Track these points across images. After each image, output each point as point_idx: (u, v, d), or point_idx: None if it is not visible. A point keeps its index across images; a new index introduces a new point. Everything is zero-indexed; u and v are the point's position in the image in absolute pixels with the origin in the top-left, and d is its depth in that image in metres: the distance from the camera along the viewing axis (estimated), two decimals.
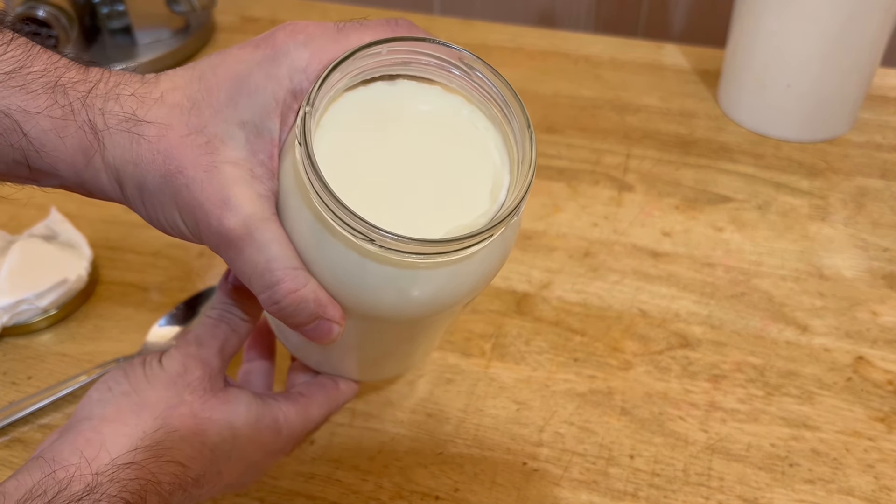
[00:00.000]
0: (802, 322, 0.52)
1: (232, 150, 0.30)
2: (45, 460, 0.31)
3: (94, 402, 0.34)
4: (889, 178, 0.65)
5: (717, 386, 0.48)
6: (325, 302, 0.32)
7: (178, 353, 0.36)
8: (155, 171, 0.30)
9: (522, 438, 0.46)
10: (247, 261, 0.30)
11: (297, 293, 0.31)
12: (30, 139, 0.30)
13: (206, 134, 0.30)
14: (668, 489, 0.43)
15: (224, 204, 0.30)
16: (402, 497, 0.43)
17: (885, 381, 0.49)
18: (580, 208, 0.62)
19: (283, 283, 0.30)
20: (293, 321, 0.32)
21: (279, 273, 0.30)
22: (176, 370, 0.35)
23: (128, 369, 0.35)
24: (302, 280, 0.31)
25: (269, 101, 0.30)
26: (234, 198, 0.30)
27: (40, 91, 0.29)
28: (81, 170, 0.31)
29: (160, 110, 0.30)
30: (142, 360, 0.36)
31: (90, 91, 0.30)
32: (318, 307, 0.31)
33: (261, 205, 0.30)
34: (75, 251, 0.55)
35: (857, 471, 0.44)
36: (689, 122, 0.71)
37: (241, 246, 0.30)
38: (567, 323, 0.52)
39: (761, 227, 0.60)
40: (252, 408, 0.36)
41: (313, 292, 0.31)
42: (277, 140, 0.31)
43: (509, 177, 0.33)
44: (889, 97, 0.74)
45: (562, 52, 0.81)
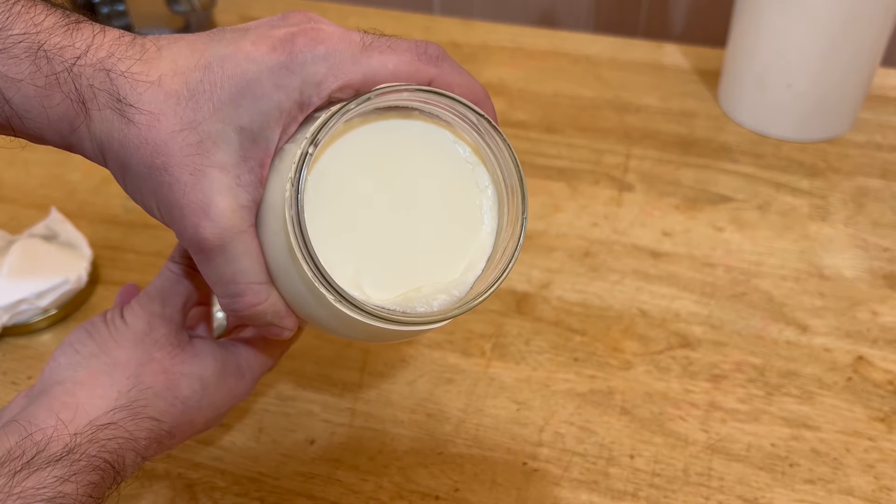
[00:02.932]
0: (803, 322, 0.52)
1: (222, 154, 0.29)
2: (21, 424, 0.31)
3: (64, 366, 0.34)
4: (889, 177, 0.65)
5: (718, 386, 0.48)
6: (282, 314, 0.33)
7: (141, 310, 0.36)
8: (140, 160, 0.29)
9: (522, 438, 0.46)
10: (214, 269, 0.31)
11: (256, 308, 0.32)
12: (12, 106, 0.28)
13: (199, 132, 0.29)
14: (668, 489, 0.43)
15: (203, 212, 0.29)
16: (403, 497, 0.43)
17: (886, 380, 0.49)
18: (580, 208, 0.62)
19: (245, 297, 0.31)
20: (247, 323, 0.33)
21: (243, 286, 0.31)
22: (141, 328, 0.35)
23: (91, 329, 0.35)
24: (263, 296, 0.32)
25: (273, 109, 0.29)
26: (214, 208, 0.29)
27: (22, 56, 0.28)
28: (67, 135, 0.30)
29: (155, 96, 0.29)
30: (103, 317, 0.36)
31: (77, 60, 0.28)
32: (273, 318, 0.33)
33: (240, 216, 0.30)
34: (75, 251, 0.55)
35: (857, 471, 0.44)
36: (690, 121, 0.71)
37: (212, 256, 0.30)
38: (567, 323, 0.52)
39: (761, 227, 0.60)
40: (218, 357, 0.37)
41: (272, 306, 0.32)
42: (273, 149, 0.30)
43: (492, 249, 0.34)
44: (889, 97, 0.74)
45: (562, 52, 0.81)
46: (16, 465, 0.29)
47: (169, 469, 0.44)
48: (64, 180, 0.65)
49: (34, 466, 0.29)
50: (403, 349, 0.51)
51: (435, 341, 0.51)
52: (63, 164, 0.66)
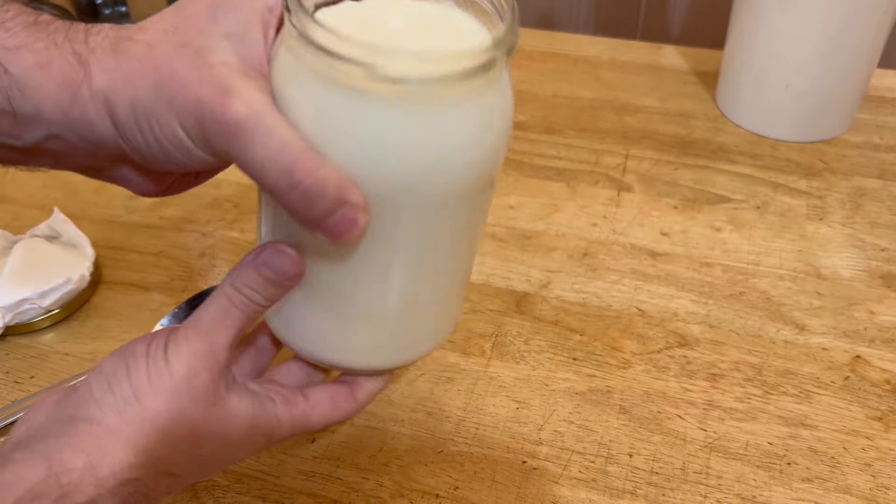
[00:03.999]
0: (800, 321, 0.53)
1: (222, 56, 0.29)
2: (46, 459, 0.29)
3: (94, 401, 0.32)
4: (886, 178, 0.65)
5: (716, 385, 0.49)
6: (346, 181, 0.29)
7: (186, 349, 0.33)
8: (146, 83, 0.29)
9: (522, 437, 0.46)
10: (259, 146, 0.28)
11: (317, 171, 0.28)
12: (12, 76, 0.28)
13: (193, 46, 0.29)
14: (666, 487, 0.43)
15: (226, 92, 0.28)
16: (403, 495, 0.43)
17: (883, 380, 0.49)
18: (579, 208, 0.62)
19: (302, 163, 0.28)
20: (314, 211, 0.29)
21: (295, 153, 0.28)
22: (181, 374, 0.32)
23: (130, 365, 0.32)
24: (319, 159, 0.28)
25: (249, 15, 0.30)
26: (236, 85, 0.28)
27: (19, 29, 0.29)
28: (67, 107, 0.29)
29: (143, 33, 0.30)
30: (146, 348, 0.33)
31: (70, 27, 0.30)
32: (339, 187, 0.29)
33: (262, 94, 0.29)
34: (78, 251, 0.55)
35: (854, 469, 0.44)
36: (688, 122, 0.71)
37: (252, 130, 0.28)
38: (566, 322, 0.53)
39: (759, 227, 0.60)
40: (250, 416, 0.35)
41: (333, 171, 0.28)
42: (264, 48, 0.30)
43: None
44: (887, 98, 0.74)
45: (561, 54, 0.81)
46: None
47: None
48: (66, 181, 0.65)
49: None
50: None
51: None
52: None
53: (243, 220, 0.61)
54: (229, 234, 0.60)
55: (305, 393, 0.37)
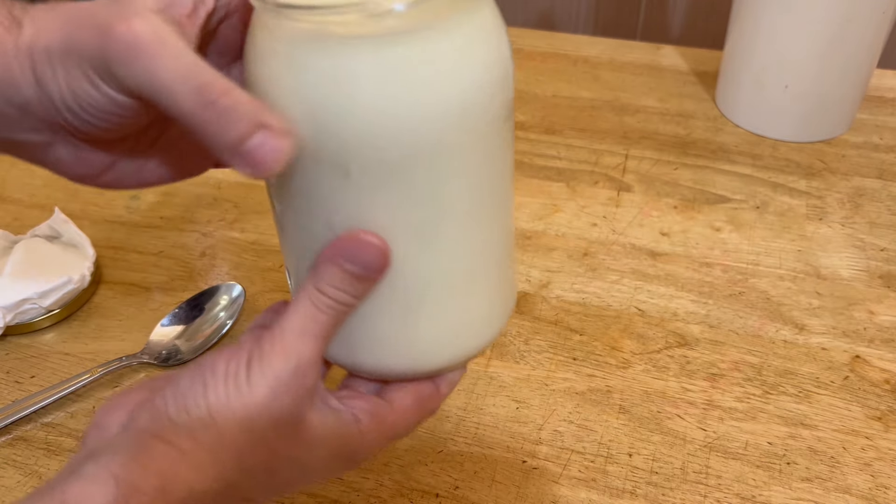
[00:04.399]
0: (800, 321, 0.53)
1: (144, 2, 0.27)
2: (115, 478, 0.27)
3: (169, 420, 0.29)
4: (886, 178, 0.65)
5: (715, 385, 0.49)
6: (261, 105, 0.26)
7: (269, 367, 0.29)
8: (60, 29, 0.28)
9: (522, 436, 0.46)
10: (166, 66, 0.26)
11: (229, 93, 0.26)
12: None
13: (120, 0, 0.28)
14: (666, 487, 0.43)
15: (130, 15, 0.26)
16: (403, 495, 0.43)
17: (882, 379, 0.49)
18: (579, 208, 0.62)
19: (214, 84, 0.26)
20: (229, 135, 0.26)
21: (207, 74, 0.26)
22: (263, 397, 0.29)
23: (209, 384, 0.29)
24: (231, 84, 0.26)
25: None
26: (140, 13, 0.27)
27: None
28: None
29: None
30: (225, 365, 0.29)
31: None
32: (255, 109, 0.26)
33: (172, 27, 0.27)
34: (78, 251, 0.55)
35: (854, 469, 0.44)
36: (688, 122, 0.72)
37: (156, 52, 0.26)
38: (566, 322, 0.53)
39: (759, 227, 0.60)
40: (333, 438, 0.31)
41: (246, 95, 0.26)
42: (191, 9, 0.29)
43: None
44: (886, 98, 0.74)
45: (561, 54, 0.81)
46: None
47: None
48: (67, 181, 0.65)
49: None
50: None
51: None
52: None
53: (243, 220, 0.61)
54: (229, 234, 0.60)
55: (390, 399, 0.33)
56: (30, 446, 0.46)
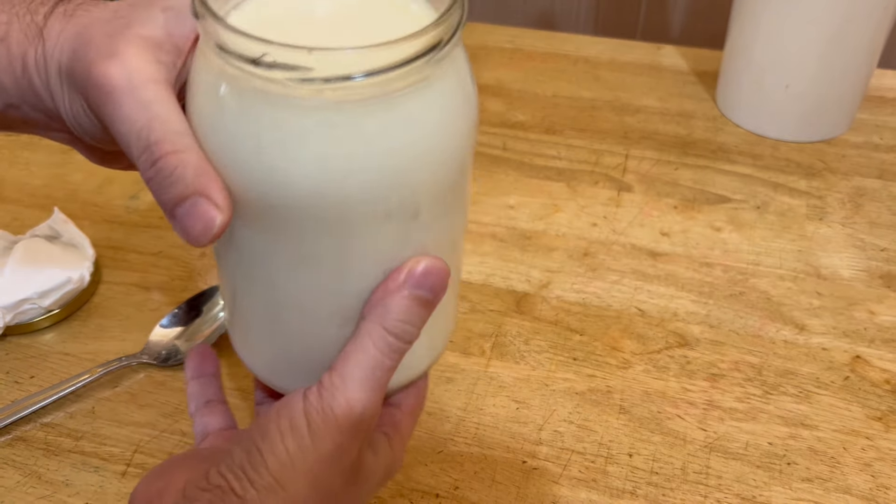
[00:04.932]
0: (800, 321, 0.53)
1: (146, 29, 0.28)
2: None
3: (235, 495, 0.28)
4: (886, 178, 0.65)
5: (716, 385, 0.49)
6: (207, 173, 0.26)
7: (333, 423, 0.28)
8: (69, 49, 0.29)
9: (522, 437, 0.46)
10: (126, 117, 0.27)
11: (177, 154, 0.26)
12: None
13: (127, 18, 0.29)
14: (666, 487, 0.43)
15: (110, 55, 0.27)
16: (403, 495, 0.43)
17: (883, 380, 0.49)
18: (579, 208, 0.62)
19: (163, 144, 0.26)
20: (169, 194, 0.26)
21: (160, 133, 0.26)
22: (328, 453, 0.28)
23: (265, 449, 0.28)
24: (185, 144, 0.26)
25: None
26: (122, 51, 0.27)
27: None
28: (20, 76, 0.29)
29: (98, 9, 0.30)
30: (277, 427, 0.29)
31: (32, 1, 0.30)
32: (197, 177, 0.26)
33: (154, 68, 0.27)
34: (78, 251, 0.55)
35: (854, 469, 0.44)
36: (688, 122, 0.72)
37: (120, 99, 0.27)
38: (566, 322, 0.53)
39: (759, 227, 0.60)
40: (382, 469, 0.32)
41: (195, 158, 0.26)
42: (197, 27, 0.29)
43: None
44: (886, 98, 0.74)
45: (561, 54, 0.81)
46: None
47: None
48: (66, 181, 0.65)
49: None
50: None
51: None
52: (65, 165, 0.66)
53: None
54: None
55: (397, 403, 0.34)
56: (29, 447, 0.46)
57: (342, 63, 0.23)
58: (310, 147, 0.25)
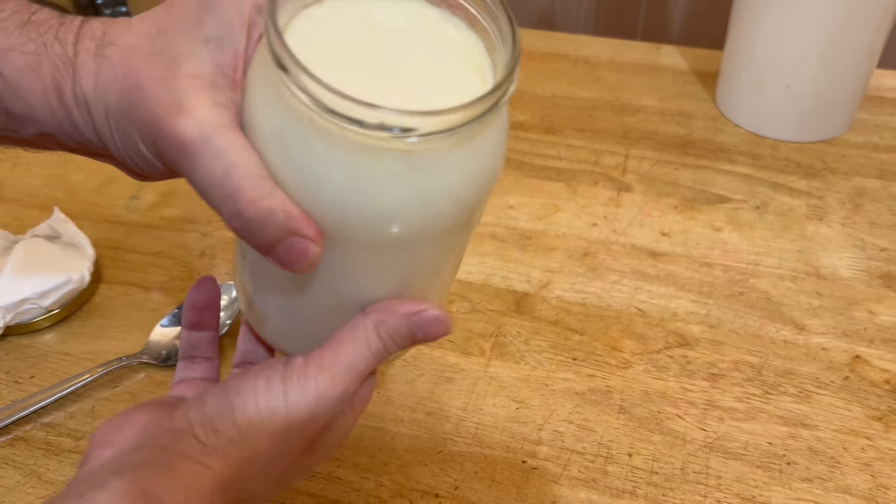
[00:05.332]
0: (800, 321, 0.53)
1: (194, 65, 0.29)
2: (144, 493, 0.28)
3: (198, 441, 0.30)
4: (886, 178, 0.65)
5: (715, 385, 0.49)
6: (295, 214, 0.27)
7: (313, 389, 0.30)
8: (116, 92, 0.29)
9: (522, 437, 0.46)
10: (204, 170, 0.27)
11: (261, 202, 0.27)
12: (5, 78, 0.29)
13: (169, 53, 0.29)
14: (666, 487, 0.43)
15: (178, 110, 0.28)
16: (403, 495, 0.43)
17: (882, 380, 0.49)
18: (579, 208, 0.62)
19: (245, 192, 0.27)
20: (261, 238, 0.28)
21: (239, 181, 0.27)
22: (300, 417, 0.30)
23: (237, 405, 0.30)
24: (266, 189, 0.27)
25: (233, 16, 0.29)
26: (187, 103, 0.28)
27: (12, 28, 0.29)
28: (55, 108, 0.30)
29: (128, 36, 0.30)
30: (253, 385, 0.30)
31: (62, 24, 0.30)
32: (287, 219, 0.27)
33: (218, 112, 0.28)
34: (78, 251, 0.55)
35: (854, 469, 0.44)
36: (688, 122, 0.72)
37: (197, 153, 0.27)
38: (566, 322, 0.53)
39: (759, 227, 0.60)
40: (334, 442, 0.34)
41: (281, 203, 0.27)
42: (242, 51, 0.30)
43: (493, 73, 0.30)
44: (886, 98, 0.74)
45: (561, 54, 0.81)
46: None
47: None
48: (66, 181, 0.65)
49: None
50: None
51: (435, 341, 0.51)
52: (66, 165, 0.66)
53: None
54: (229, 234, 0.60)
55: None
56: (29, 446, 0.46)
57: (440, 121, 0.26)
58: (401, 186, 0.27)
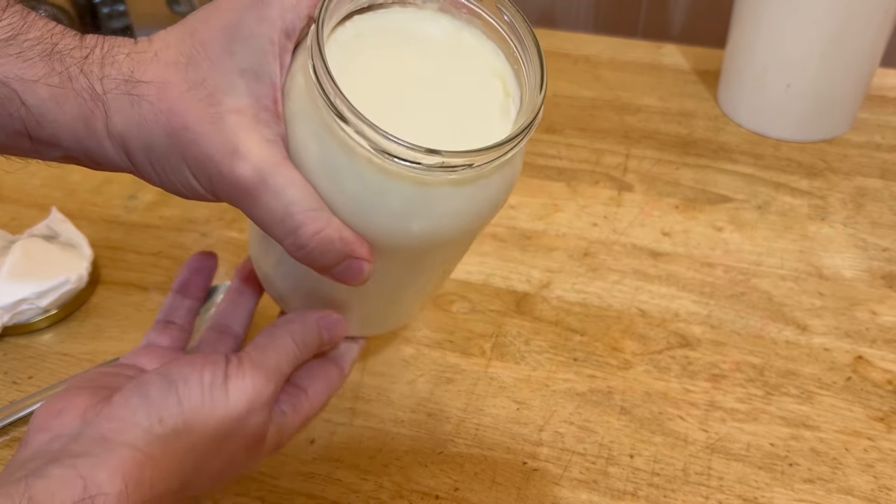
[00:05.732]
0: (802, 322, 0.52)
1: (234, 99, 0.30)
2: (83, 479, 0.28)
3: (142, 429, 0.30)
4: (888, 177, 0.65)
5: (717, 385, 0.48)
6: (351, 240, 0.31)
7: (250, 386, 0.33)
8: (160, 131, 0.30)
9: (522, 438, 0.46)
10: (264, 208, 0.30)
11: (321, 234, 0.30)
12: (29, 108, 0.29)
13: (206, 87, 0.30)
14: (667, 488, 0.43)
15: (233, 153, 0.29)
16: (403, 496, 0.43)
17: (885, 380, 0.49)
18: (580, 208, 0.62)
19: (306, 226, 0.30)
20: (321, 264, 0.31)
21: (299, 217, 0.30)
22: (239, 413, 0.32)
23: (182, 394, 0.31)
24: (324, 220, 0.30)
25: (264, 44, 0.30)
26: (242, 146, 0.29)
27: (37, 59, 0.29)
28: (83, 138, 0.30)
29: (157, 69, 0.30)
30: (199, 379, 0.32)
31: (86, 57, 0.30)
32: (344, 246, 0.31)
33: (270, 150, 0.29)
34: (76, 251, 0.55)
35: (856, 470, 0.44)
36: (689, 122, 0.71)
37: (257, 194, 0.29)
38: (567, 322, 0.52)
39: (761, 227, 0.60)
40: (275, 439, 0.35)
41: (337, 231, 0.30)
42: (278, 83, 0.31)
43: (520, 103, 0.33)
44: (888, 97, 0.74)
45: (561, 52, 0.81)
46: None
47: None
48: (65, 180, 0.65)
49: None
50: (403, 349, 0.51)
51: (435, 341, 0.51)
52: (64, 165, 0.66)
53: (242, 220, 0.61)
54: (228, 233, 0.60)
55: (306, 388, 0.38)
56: None
57: (485, 156, 0.30)
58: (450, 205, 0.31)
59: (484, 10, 0.33)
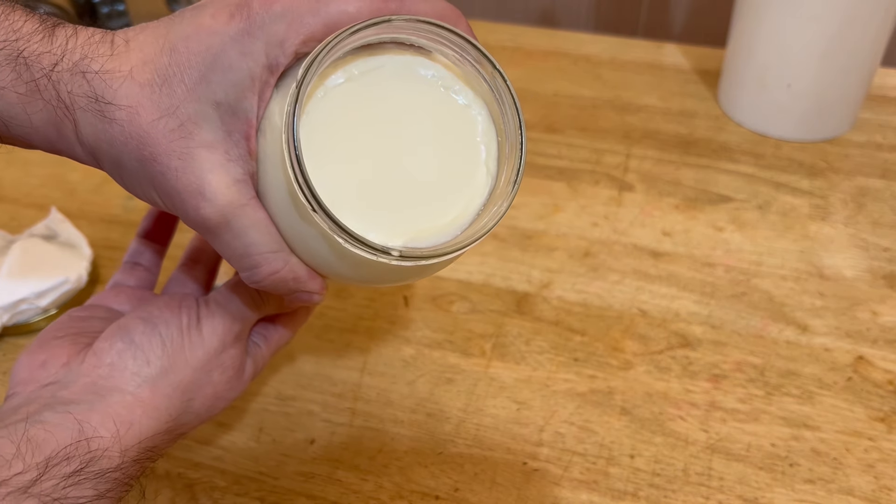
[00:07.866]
0: (803, 322, 0.52)
1: (206, 133, 0.29)
2: (78, 423, 0.31)
3: (130, 374, 0.33)
4: (889, 177, 0.65)
5: (718, 386, 0.48)
6: (303, 279, 0.33)
7: (221, 326, 0.36)
8: (130, 154, 0.29)
9: (523, 438, 0.46)
10: (225, 246, 0.31)
11: (275, 276, 0.32)
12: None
13: (178, 116, 0.29)
14: (668, 489, 0.43)
15: (200, 194, 0.29)
16: (402, 497, 0.43)
17: (886, 380, 0.49)
18: (580, 208, 0.62)
19: (262, 268, 0.31)
20: (275, 293, 0.33)
21: (256, 258, 0.31)
22: (215, 348, 0.36)
23: (165, 337, 0.35)
24: (280, 262, 0.32)
25: (244, 79, 0.29)
26: (208, 187, 0.29)
27: (3, 64, 0.28)
28: (55, 141, 0.30)
29: (129, 90, 0.29)
30: (178, 322, 0.35)
31: (55, 66, 0.29)
32: (297, 284, 0.33)
33: (237, 190, 0.30)
34: (75, 251, 0.55)
35: (857, 471, 0.44)
36: (690, 121, 0.71)
37: (219, 233, 0.30)
38: (567, 323, 0.52)
39: (761, 227, 0.60)
40: (252, 372, 0.39)
41: (291, 272, 0.32)
42: (254, 120, 0.30)
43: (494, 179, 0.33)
44: (889, 97, 0.74)
45: (562, 52, 0.81)
46: (66, 469, 0.29)
47: (169, 469, 0.44)
48: (64, 180, 0.65)
49: (83, 475, 0.29)
50: (403, 349, 0.51)
51: (435, 341, 0.51)
52: (63, 164, 0.66)
53: None
54: None
55: (273, 319, 0.40)
56: None
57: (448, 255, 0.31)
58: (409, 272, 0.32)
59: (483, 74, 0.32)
